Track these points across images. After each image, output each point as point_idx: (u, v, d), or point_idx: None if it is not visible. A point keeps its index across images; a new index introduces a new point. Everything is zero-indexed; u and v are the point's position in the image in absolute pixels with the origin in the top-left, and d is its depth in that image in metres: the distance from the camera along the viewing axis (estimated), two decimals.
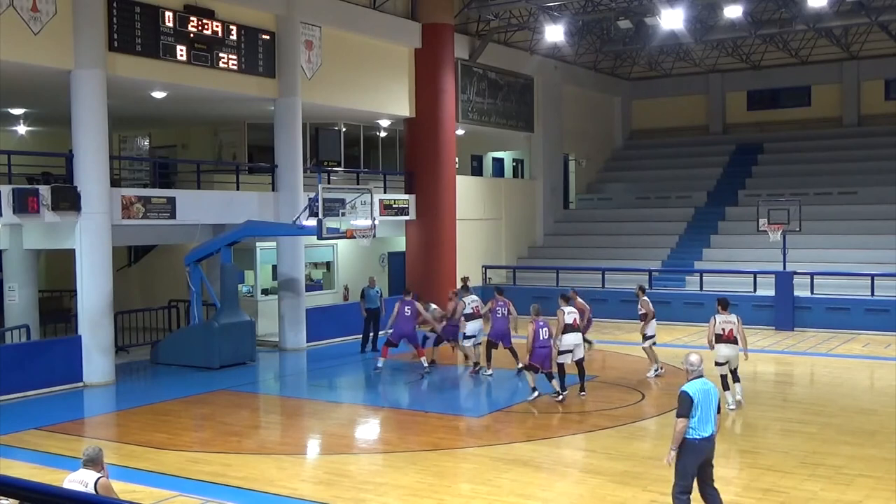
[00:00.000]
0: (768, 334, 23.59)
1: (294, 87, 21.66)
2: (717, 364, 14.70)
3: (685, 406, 8.79)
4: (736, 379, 14.96)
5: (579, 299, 18.50)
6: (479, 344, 18.25)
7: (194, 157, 26.14)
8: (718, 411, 9.07)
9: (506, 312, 17.77)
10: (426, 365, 18.44)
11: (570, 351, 15.67)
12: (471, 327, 17.97)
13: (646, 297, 18.05)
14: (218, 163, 26.08)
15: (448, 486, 11.06)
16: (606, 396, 16.14)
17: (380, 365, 18.56)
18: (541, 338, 15.26)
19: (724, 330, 14.69)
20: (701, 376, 9.12)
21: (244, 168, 24.68)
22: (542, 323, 15.43)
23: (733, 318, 14.78)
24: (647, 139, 38.44)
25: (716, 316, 14.87)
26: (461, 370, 19.04)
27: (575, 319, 15.84)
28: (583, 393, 15.71)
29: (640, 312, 17.92)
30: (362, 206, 19.35)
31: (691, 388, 8.93)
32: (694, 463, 8.89)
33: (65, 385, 17.18)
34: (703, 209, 31.99)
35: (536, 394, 15.58)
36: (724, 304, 15.08)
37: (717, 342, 14.76)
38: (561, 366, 15.64)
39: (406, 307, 18.51)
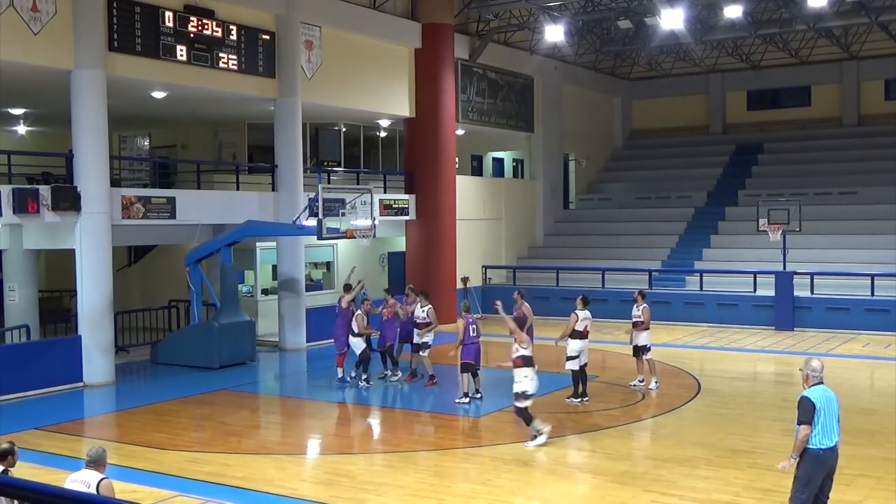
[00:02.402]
0: (768, 334, 23.59)
1: (294, 87, 21.66)
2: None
3: (808, 412, 8.28)
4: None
5: (526, 304, 17.86)
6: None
7: (194, 157, 26.15)
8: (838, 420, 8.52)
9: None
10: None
11: (577, 357, 15.42)
12: (431, 336, 17.34)
13: (646, 304, 16.88)
14: (218, 163, 26.07)
15: (448, 486, 11.06)
16: (606, 396, 16.13)
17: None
18: (470, 334, 15.26)
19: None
20: (821, 382, 8.53)
21: (244, 168, 24.68)
22: (471, 320, 15.43)
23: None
24: (647, 139, 38.44)
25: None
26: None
27: (586, 326, 15.54)
28: (586, 399, 15.47)
29: (636, 319, 16.63)
30: (362, 206, 19.33)
31: (813, 393, 8.40)
32: (817, 475, 8.44)
33: (65, 385, 17.18)
34: (703, 209, 31.99)
35: (468, 399, 15.43)
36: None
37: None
38: (574, 371, 15.43)
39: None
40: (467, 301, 16.34)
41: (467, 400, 15.43)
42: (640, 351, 16.61)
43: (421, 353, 17.33)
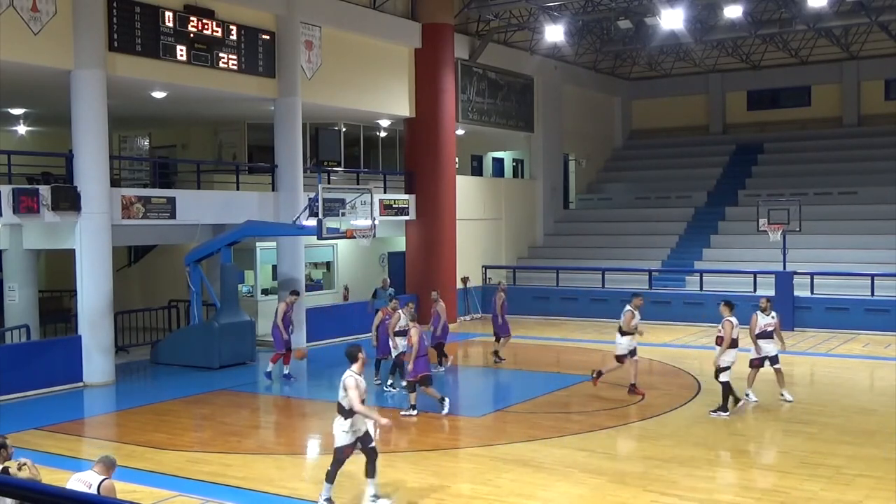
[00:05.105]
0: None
1: (294, 87, 21.66)
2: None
3: None
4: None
5: (441, 303, 17.98)
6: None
7: (194, 157, 26.15)
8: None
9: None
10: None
11: (728, 368, 14.47)
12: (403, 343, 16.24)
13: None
14: (218, 163, 26.08)
15: (448, 486, 11.06)
16: (606, 396, 16.13)
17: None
18: (424, 344, 14.63)
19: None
20: None
21: (244, 168, 24.68)
22: (423, 330, 14.87)
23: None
24: (647, 139, 38.44)
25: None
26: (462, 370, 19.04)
27: (738, 333, 14.59)
28: (726, 414, 14.38)
29: (769, 329, 15.61)
30: (362, 206, 19.34)
31: None
32: None
33: (65, 385, 17.18)
34: (703, 209, 31.99)
35: (446, 407, 14.59)
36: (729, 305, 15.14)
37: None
38: (727, 383, 14.45)
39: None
40: (412, 305, 16.03)
41: (446, 408, 14.65)
42: (774, 360, 15.56)
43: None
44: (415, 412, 14.67)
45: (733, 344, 14.48)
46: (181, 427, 14.69)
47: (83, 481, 7.25)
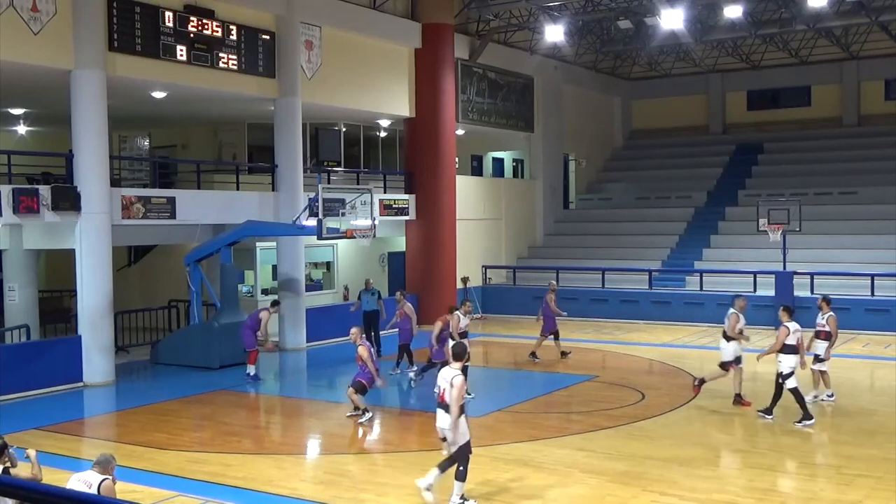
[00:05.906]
0: (768, 334, 23.52)
1: (294, 87, 21.67)
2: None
3: None
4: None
5: (408, 304, 17.59)
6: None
7: (194, 157, 26.13)
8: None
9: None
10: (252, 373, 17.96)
11: (792, 374, 13.90)
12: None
13: (832, 313, 15.53)
14: (218, 163, 26.08)
15: (448, 487, 11.04)
16: (606, 396, 16.13)
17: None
18: (374, 358, 14.48)
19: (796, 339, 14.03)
20: None
21: (244, 168, 24.68)
22: (371, 346, 14.70)
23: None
24: (647, 139, 38.44)
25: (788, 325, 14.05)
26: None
27: (799, 339, 13.98)
28: (769, 417, 14.01)
29: (821, 328, 15.40)
30: (362, 206, 19.35)
31: None
32: None
33: (65, 385, 17.18)
34: (703, 209, 31.99)
35: (369, 414, 14.34)
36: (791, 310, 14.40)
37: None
38: (795, 389, 13.89)
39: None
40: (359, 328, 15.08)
41: (369, 414, 14.38)
42: (814, 361, 15.20)
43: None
44: (368, 414, 14.39)
45: (792, 350, 13.86)
46: (181, 427, 14.69)
47: (83, 481, 7.28)
